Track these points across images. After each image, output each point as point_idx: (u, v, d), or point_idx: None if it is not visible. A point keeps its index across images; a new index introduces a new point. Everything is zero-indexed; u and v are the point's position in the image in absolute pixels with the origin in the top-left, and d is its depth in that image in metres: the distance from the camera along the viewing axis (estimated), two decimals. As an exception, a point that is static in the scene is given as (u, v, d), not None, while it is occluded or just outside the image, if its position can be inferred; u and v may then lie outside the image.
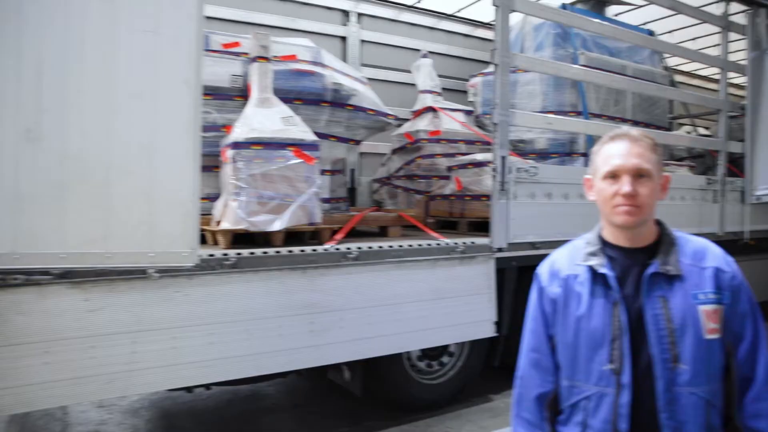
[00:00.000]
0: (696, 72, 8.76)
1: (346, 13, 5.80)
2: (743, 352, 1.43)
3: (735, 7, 5.62)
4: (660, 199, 1.46)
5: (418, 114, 5.31)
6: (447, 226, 4.90)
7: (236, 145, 3.25)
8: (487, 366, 4.20)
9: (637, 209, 1.41)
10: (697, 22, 6.20)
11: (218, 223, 3.39)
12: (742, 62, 5.64)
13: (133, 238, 2.54)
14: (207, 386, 3.34)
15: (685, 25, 6.73)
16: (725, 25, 5.51)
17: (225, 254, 2.99)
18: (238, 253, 3.03)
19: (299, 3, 5.58)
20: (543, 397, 1.55)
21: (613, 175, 1.42)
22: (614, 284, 1.43)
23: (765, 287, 5.40)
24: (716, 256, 1.46)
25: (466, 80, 5.97)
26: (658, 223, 1.51)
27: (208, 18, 4.94)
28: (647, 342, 1.39)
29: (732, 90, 5.82)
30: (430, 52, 5.81)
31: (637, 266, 1.44)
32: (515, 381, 1.63)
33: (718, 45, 5.69)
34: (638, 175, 1.41)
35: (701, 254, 1.46)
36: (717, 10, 5.69)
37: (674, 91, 5.87)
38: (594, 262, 1.47)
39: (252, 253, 3.07)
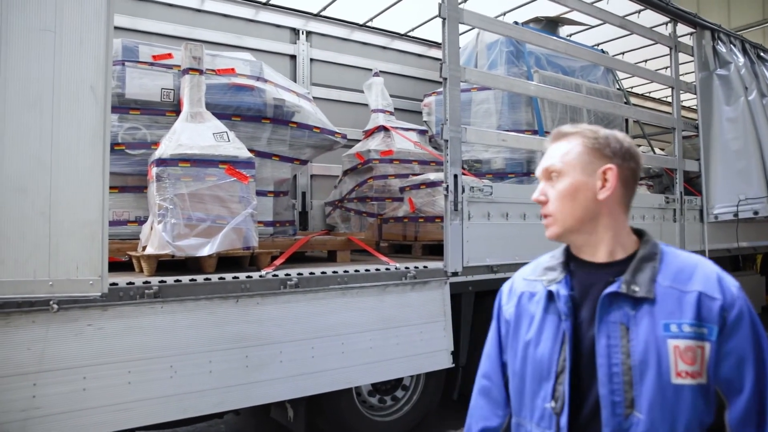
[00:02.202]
0: (649, 95, 8.89)
1: (295, 31, 5.61)
2: (738, 410, 1.09)
3: (682, 28, 5.68)
4: (603, 199, 1.19)
5: (369, 134, 5.12)
6: (402, 250, 4.68)
7: (161, 162, 2.96)
8: (445, 399, 3.92)
9: (549, 217, 1.23)
10: (648, 43, 6.27)
11: (144, 248, 3.08)
12: (693, 82, 5.68)
13: (27, 265, 2.20)
14: (129, 432, 2.98)
15: (636, 47, 6.80)
16: (673, 45, 5.55)
17: (146, 282, 2.68)
18: (162, 281, 2.71)
19: (246, 20, 5.37)
20: None
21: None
22: (563, 305, 1.18)
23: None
24: (707, 277, 1.13)
25: (421, 100, 5.83)
26: (638, 232, 1.24)
27: (148, 33, 4.71)
28: (597, 379, 1.13)
29: (684, 113, 5.85)
30: (384, 72, 5.67)
31: (600, 285, 1.18)
32: None
33: (668, 67, 5.71)
34: (549, 177, 1.24)
35: (687, 274, 1.13)
36: (666, 31, 5.74)
37: (629, 109, 5.86)
38: (549, 277, 1.24)
39: (178, 281, 2.76)
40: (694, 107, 5.86)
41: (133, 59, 3.42)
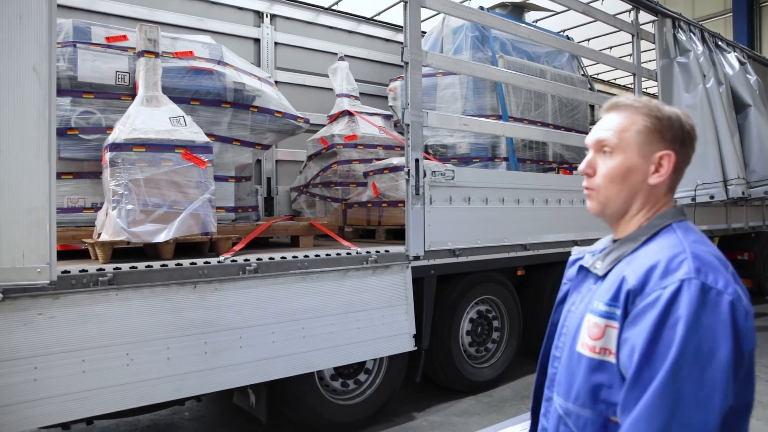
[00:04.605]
0: (614, 81, 9.03)
1: (259, 14, 5.52)
2: (621, 398, 1.02)
3: (644, 16, 5.76)
4: (653, 185, 1.13)
5: (334, 118, 5.08)
6: (366, 235, 4.69)
7: (115, 147, 2.89)
8: (408, 382, 3.97)
9: (591, 191, 1.20)
10: (611, 30, 6.34)
11: (99, 235, 3.01)
12: (654, 70, 5.78)
13: (-31, 253, 2.14)
14: (87, 421, 2.94)
15: (600, 34, 6.89)
16: (635, 32, 5.63)
17: (100, 269, 2.63)
18: (116, 268, 2.67)
19: (209, 2, 5.24)
20: None
21: None
22: (566, 269, 1.32)
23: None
24: (645, 264, 1.05)
25: (387, 85, 5.81)
26: (663, 216, 1.15)
27: (104, 14, 4.57)
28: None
29: (646, 97, 5.95)
30: (350, 57, 5.62)
31: None
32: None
33: (631, 54, 5.80)
34: (600, 149, 1.18)
35: (642, 259, 1.08)
36: (628, 18, 5.82)
37: (592, 94, 5.94)
38: (589, 248, 1.33)
39: (133, 268, 2.71)
40: (656, 94, 5.97)
41: (85, 41, 3.31)
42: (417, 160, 3.60)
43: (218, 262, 2.94)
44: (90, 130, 3.35)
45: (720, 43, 6.29)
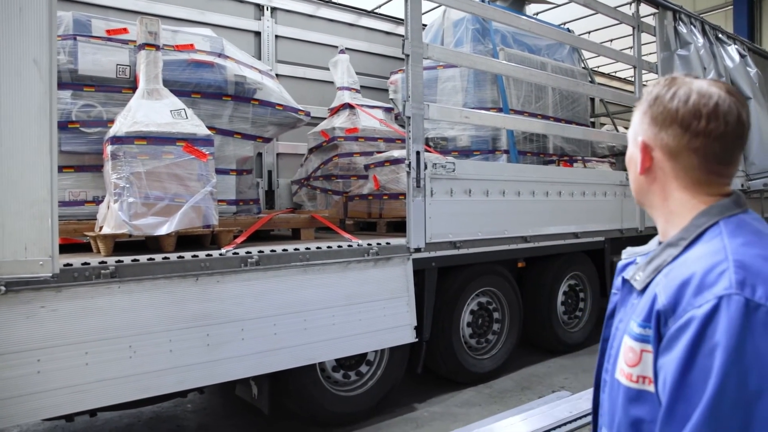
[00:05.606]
0: (615, 74, 9.00)
1: (260, 7, 5.50)
2: None
3: (645, 9, 5.74)
4: (642, 175, 1.03)
5: (335, 111, 5.08)
6: (367, 227, 4.70)
7: (116, 140, 2.89)
8: (409, 373, 3.99)
9: None
10: (613, 23, 6.33)
11: (101, 228, 3.02)
12: (655, 62, 5.77)
13: (-29, 246, 2.15)
14: (91, 413, 2.96)
15: (601, 26, 6.86)
16: (636, 25, 5.62)
17: (102, 262, 2.64)
18: (119, 261, 2.68)
19: (209, -5, 5.23)
20: None
21: None
22: (616, 280, 1.12)
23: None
24: (681, 275, 0.88)
25: (388, 78, 5.80)
26: (708, 213, 0.97)
27: (104, 7, 4.56)
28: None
29: (647, 90, 5.94)
30: (350, 50, 5.61)
31: None
32: None
33: (632, 47, 5.79)
34: None
35: (678, 270, 0.91)
36: (629, 11, 5.80)
37: (592, 87, 5.93)
38: (637, 250, 1.15)
39: (135, 261, 2.72)
40: (656, 86, 5.95)
41: (85, 33, 3.31)
42: (418, 153, 3.60)
43: (220, 254, 2.95)
44: (91, 124, 3.35)
45: (720, 35, 6.28)
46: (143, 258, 2.75)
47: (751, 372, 0.77)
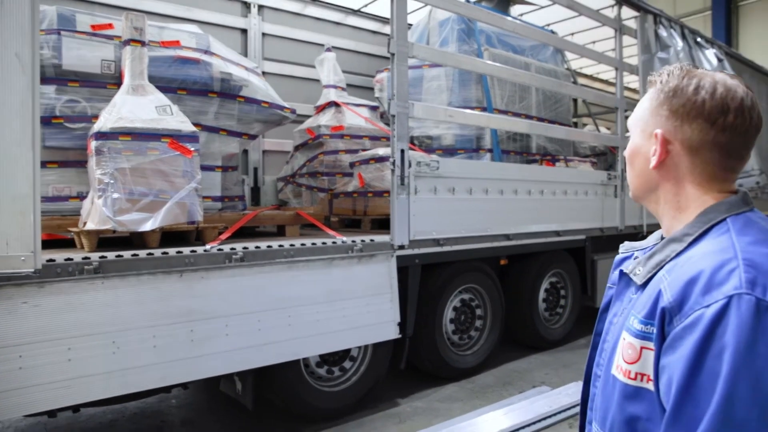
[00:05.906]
0: (597, 75, 9.13)
1: (247, 4, 5.50)
2: None
3: (627, 12, 5.85)
4: (655, 169, 0.99)
5: (320, 109, 5.10)
6: (352, 224, 4.73)
7: (101, 136, 2.89)
8: (393, 369, 4.03)
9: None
10: (595, 25, 6.41)
11: (85, 224, 3.02)
12: (636, 65, 5.87)
13: (-47, 241, 2.14)
14: (74, 408, 2.96)
15: (584, 29, 6.96)
16: (618, 27, 5.72)
17: (86, 258, 2.64)
18: (102, 257, 2.68)
19: (195, -9, 5.22)
20: None
21: None
22: (614, 273, 1.10)
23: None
24: (687, 272, 0.86)
25: (374, 77, 5.83)
26: (715, 209, 0.94)
27: (89, 2, 4.53)
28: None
29: (628, 93, 6.05)
30: (337, 48, 5.63)
31: None
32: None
33: (614, 49, 5.89)
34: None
35: (683, 267, 0.89)
36: (611, 14, 5.90)
37: (575, 87, 6.02)
38: (635, 245, 1.14)
39: (119, 256, 2.72)
40: (638, 88, 6.07)
41: (69, 28, 3.30)
42: (402, 151, 3.64)
43: (204, 250, 2.97)
44: (75, 119, 3.34)
45: (699, 39, 6.41)
46: (127, 254, 2.75)
47: (764, 374, 0.75)
